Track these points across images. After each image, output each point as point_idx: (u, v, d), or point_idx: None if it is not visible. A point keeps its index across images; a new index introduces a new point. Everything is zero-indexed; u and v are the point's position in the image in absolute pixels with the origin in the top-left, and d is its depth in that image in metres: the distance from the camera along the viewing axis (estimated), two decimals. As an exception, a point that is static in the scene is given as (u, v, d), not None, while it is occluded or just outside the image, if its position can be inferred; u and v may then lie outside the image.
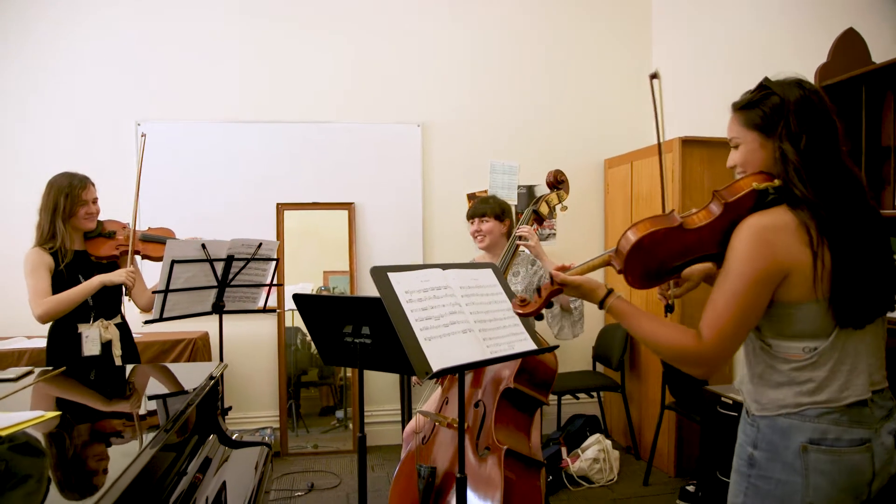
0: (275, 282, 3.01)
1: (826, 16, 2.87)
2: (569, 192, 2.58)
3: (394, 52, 4.13)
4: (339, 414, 4.14)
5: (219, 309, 2.81)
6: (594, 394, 4.15)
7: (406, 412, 3.83)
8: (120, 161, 3.81)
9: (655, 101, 1.38)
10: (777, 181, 1.26)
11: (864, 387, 1.25)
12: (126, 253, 2.60)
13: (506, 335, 1.57)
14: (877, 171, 2.41)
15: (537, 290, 1.48)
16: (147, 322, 2.68)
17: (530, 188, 4.25)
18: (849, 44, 2.53)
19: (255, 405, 4.01)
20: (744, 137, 1.32)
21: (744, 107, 1.33)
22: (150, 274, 2.80)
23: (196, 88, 3.93)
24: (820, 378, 1.24)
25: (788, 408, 1.27)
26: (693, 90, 3.84)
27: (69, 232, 2.52)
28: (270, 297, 3.03)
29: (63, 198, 2.47)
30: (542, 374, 2.16)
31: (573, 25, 4.34)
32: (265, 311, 3.20)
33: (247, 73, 3.98)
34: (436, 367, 1.35)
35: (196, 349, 3.52)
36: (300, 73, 4.03)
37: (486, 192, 4.15)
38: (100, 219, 2.64)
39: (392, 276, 1.45)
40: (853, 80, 2.40)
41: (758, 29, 3.36)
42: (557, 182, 2.54)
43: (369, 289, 3.71)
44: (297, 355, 4.11)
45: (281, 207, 3.98)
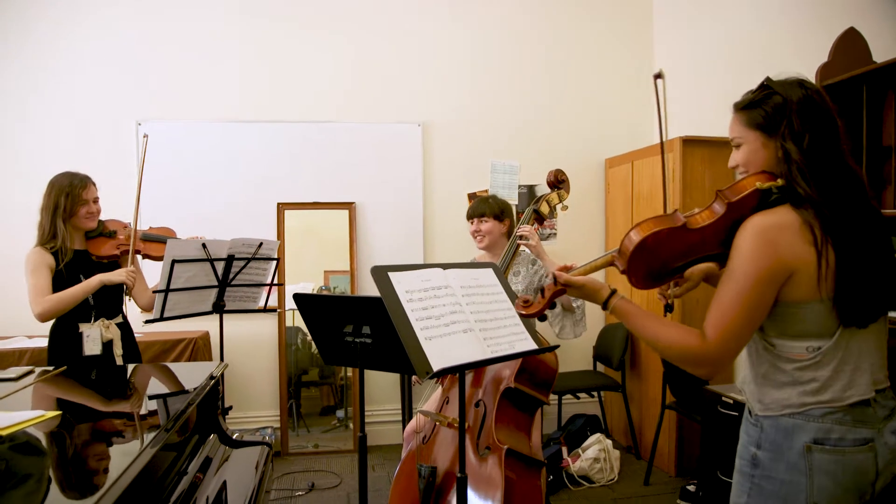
0: (275, 281, 3.01)
1: (826, 15, 2.86)
2: (569, 191, 2.57)
3: (394, 52, 4.12)
4: (340, 413, 4.14)
5: (219, 308, 2.81)
6: (595, 393, 4.15)
7: (406, 412, 3.83)
8: (120, 161, 3.82)
9: (659, 101, 1.38)
10: (780, 181, 1.26)
11: (867, 386, 1.24)
12: (127, 252, 2.60)
13: (506, 335, 1.57)
14: (878, 170, 2.41)
15: (541, 290, 1.47)
16: (148, 322, 2.68)
17: (531, 188, 4.25)
18: (850, 43, 2.53)
19: (255, 405, 4.01)
20: (746, 137, 1.32)
21: (746, 107, 1.32)
22: (151, 273, 2.80)
23: (196, 88, 3.93)
24: (824, 378, 1.24)
25: (792, 408, 1.26)
26: (694, 90, 3.84)
27: (70, 231, 2.52)
28: (271, 296, 3.03)
29: (63, 197, 2.47)
30: (543, 373, 2.16)
31: (573, 25, 4.34)
32: (266, 310, 3.21)
33: (247, 73, 3.98)
34: (436, 367, 1.34)
35: (197, 349, 3.52)
36: (300, 73, 4.03)
37: (486, 191, 4.15)
38: (101, 218, 2.64)
39: (392, 275, 1.45)
40: (854, 80, 2.40)
41: (758, 29, 3.36)
42: (558, 181, 2.54)
43: (370, 288, 3.70)
44: (297, 355, 4.11)
45: (281, 207, 3.98)
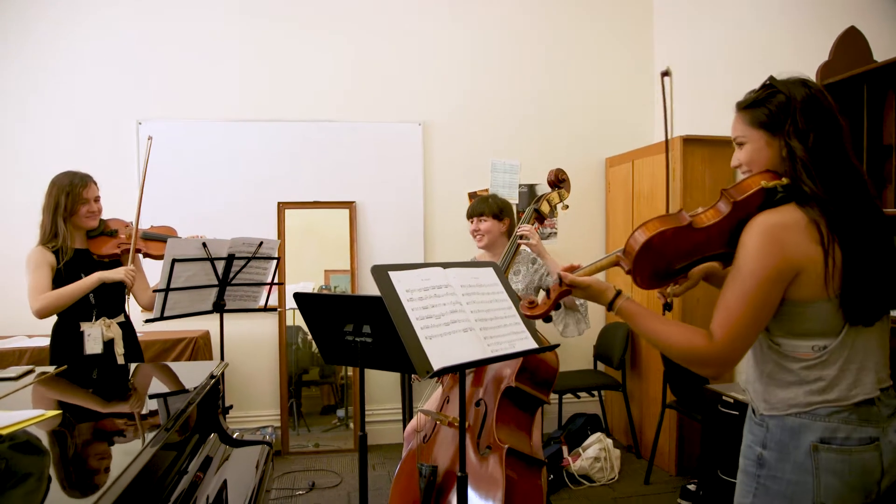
0: (276, 281, 3.01)
1: (827, 14, 2.86)
2: (570, 190, 2.57)
3: (394, 52, 4.12)
4: (340, 413, 4.14)
5: (220, 308, 2.81)
6: (595, 393, 4.15)
7: (407, 411, 3.83)
8: (120, 161, 3.82)
9: (665, 98, 1.37)
10: (785, 179, 1.25)
11: (872, 385, 1.24)
12: (128, 251, 2.60)
13: (507, 334, 1.56)
14: (878, 169, 2.40)
15: (546, 291, 1.47)
16: (148, 321, 2.68)
17: (531, 187, 4.25)
18: (850, 42, 2.53)
19: (256, 404, 4.01)
20: (749, 136, 1.32)
21: (749, 105, 1.32)
22: (152, 273, 2.80)
23: (196, 88, 3.93)
24: (830, 377, 1.24)
25: (798, 407, 1.26)
26: (694, 89, 3.84)
27: (71, 230, 2.52)
28: (271, 295, 3.03)
29: (64, 196, 2.48)
30: (544, 373, 2.16)
31: (573, 25, 4.34)
32: (266, 309, 3.21)
33: (247, 72, 3.98)
34: (437, 366, 1.34)
35: (197, 348, 3.52)
36: (300, 73, 4.03)
37: (487, 190, 4.15)
38: (102, 218, 2.65)
39: (393, 274, 1.45)
40: (855, 79, 2.40)
41: (759, 28, 3.36)
42: (559, 181, 2.54)
43: (370, 287, 3.70)
44: (298, 354, 4.11)
45: (282, 206, 3.98)
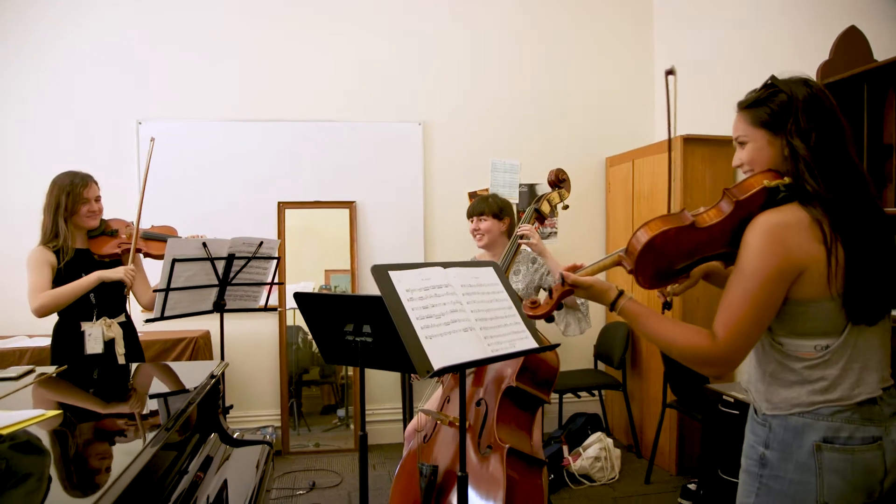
0: (276, 280, 3.01)
1: (827, 14, 2.86)
2: (570, 190, 2.57)
3: (394, 52, 4.12)
4: (341, 412, 4.14)
5: (220, 307, 2.81)
6: (595, 392, 4.15)
7: (407, 411, 3.83)
8: (120, 161, 3.82)
9: (669, 97, 1.37)
10: (787, 179, 1.25)
11: (875, 384, 1.24)
12: (128, 251, 2.60)
13: (507, 333, 1.56)
14: (879, 169, 2.40)
15: (548, 291, 1.46)
16: (148, 321, 2.68)
17: (531, 186, 4.24)
18: (850, 41, 2.52)
19: (256, 404, 4.01)
20: (751, 135, 1.32)
21: (751, 105, 1.32)
22: (154, 272, 2.80)
23: (196, 88, 3.93)
24: (832, 376, 1.24)
25: (801, 406, 1.26)
26: (694, 89, 3.83)
27: (72, 230, 2.52)
28: (272, 295, 3.03)
29: (65, 196, 2.48)
30: (544, 372, 2.16)
31: (573, 25, 4.34)
32: (266, 309, 3.21)
33: (247, 72, 3.98)
34: (437, 366, 1.34)
35: (197, 348, 3.52)
36: (300, 73, 4.03)
37: (487, 190, 4.15)
38: (103, 218, 2.65)
39: (393, 274, 1.45)
40: (855, 78, 2.40)
41: (759, 28, 3.36)
42: (559, 181, 2.54)
43: (370, 287, 3.71)
44: (298, 354, 4.11)
45: (282, 206, 3.98)
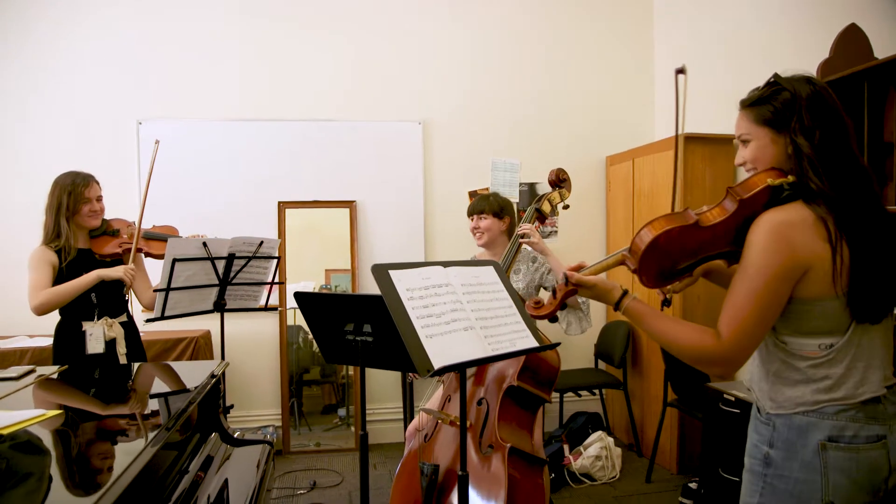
0: (276, 280, 3.01)
1: (827, 12, 2.85)
2: (571, 190, 2.57)
3: (394, 52, 4.12)
4: (341, 412, 4.14)
5: (220, 307, 2.81)
6: (596, 391, 4.15)
7: (408, 410, 3.83)
8: (120, 161, 3.82)
9: (678, 96, 1.37)
10: (791, 177, 1.25)
11: (878, 383, 1.24)
12: (129, 251, 2.60)
13: (507, 332, 1.56)
14: (879, 167, 2.40)
15: (552, 291, 1.46)
16: (149, 320, 2.68)
17: (532, 185, 4.24)
18: (851, 39, 2.52)
19: (256, 403, 4.01)
20: (754, 133, 1.31)
21: (754, 103, 1.32)
22: (155, 272, 2.80)
23: (196, 88, 3.93)
24: (837, 375, 1.24)
25: (806, 405, 1.26)
26: (694, 88, 3.82)
27: (74, 230, 2.53)
28: (272, 295, 3.03)
29: (66, 196, 2.48)
30: (546, 371, 2.16)
31: (573, 25, 4.33)
32: (267, 309, 3.21)
33: (247, 72, 3.98)
34: (437, 365, 1.34)
35: (198, 347, 3.52)
36: (300, 73, 4.03)
37: (487, 189, 4.15)
38: (105, 217, 2.65)
39: (393, 273, 1.44)
40: (855, 76, 2.39)
41: (759, 27, 3.35)
42: (559, 181, 2.54)
43: (371, 287, 3.71)
44: (298, 353, 4.11)
45: (282, 206, 3.98)
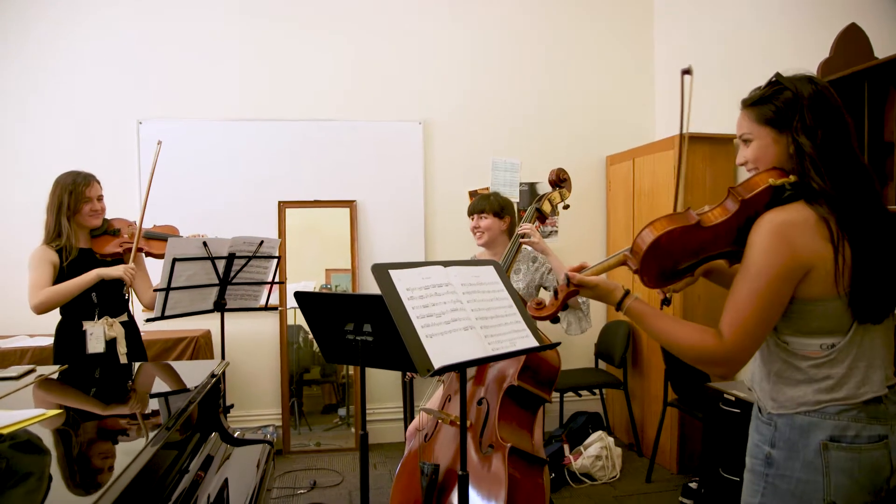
0: (276, 280, 3.01)
1: (827, 12, 2.85)
2: (571, 190, 2.57)
3: (394, 52, 4.12)
4: (342, 412, 4.14)
5: (220, 307, 2.81)
6: (596, 391, 4.15)
7: (408, 410, 3.84)
8: (120, 161, 3.81)
9: (684, 97, 1.37)
10: (793, 177, 1.24)
11: (880, 383, 1.24)
12: (130, 250, 2.60)
13: (507, 332, 1.56)
14: (880, 166, 2.40)
15: (553, 291, 1.46)
16: (149, 320, 2.68)
17: (532, 185, 4.24)
18: (851, 39, 2.52)
19: (257, 403, 4.01)
20: (756, 133, 1.31)
21: (755, 102, 1.31)
22: (156, 272, 2.80)
23: (196, 88, 3.93)
24: (839, 375, 1.23)
25: (807, 405, 1.25)
26: (695, 87, 3.83)
27: (75, 230, 2.53)
28: (272, 295, 3.03)
29: (67, 195, 2.48)
30: (546, 371, 2.16)
31: (573, 25, 4.33)
32: (267, 308, 3.21)
33: (247, 72, 3.98)
34: (437, 365, 1.34)
35: (198, 347, 3.52)
36: (300, 73, 4.03)
37: (487, 189, 4.15)
38: (106, 217, 2.65)
39: (393, 273, 1.44)
40: (856, 76, 2.39)
41: (759, 26, 3.35)
42: (560, 181, 2.54)
43: (371, 286, 3.70)
44: (299, 353, 4.11)
45: (282, 205, 3.98)
